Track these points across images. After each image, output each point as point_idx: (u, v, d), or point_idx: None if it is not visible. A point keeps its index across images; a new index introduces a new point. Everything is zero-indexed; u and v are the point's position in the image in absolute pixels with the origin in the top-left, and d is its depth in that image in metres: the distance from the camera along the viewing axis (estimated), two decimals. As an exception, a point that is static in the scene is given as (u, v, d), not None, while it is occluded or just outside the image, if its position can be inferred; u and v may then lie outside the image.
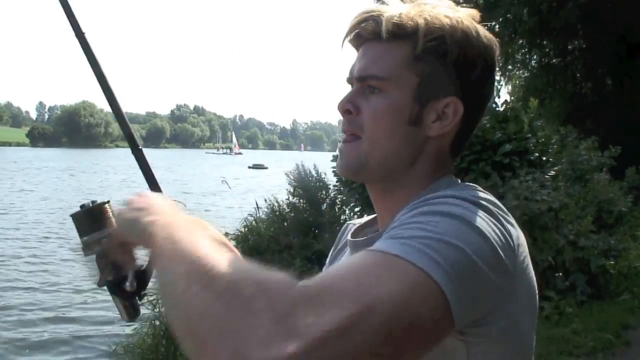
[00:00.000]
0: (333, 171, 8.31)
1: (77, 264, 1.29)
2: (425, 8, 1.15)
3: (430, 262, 0.84)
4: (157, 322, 6.98)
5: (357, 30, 1.20)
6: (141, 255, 1.29)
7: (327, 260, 1.48)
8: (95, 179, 51.73)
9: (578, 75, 17.39)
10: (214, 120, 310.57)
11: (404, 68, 1.14)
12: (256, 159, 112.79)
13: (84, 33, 1.37)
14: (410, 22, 1.13)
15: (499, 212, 0.99)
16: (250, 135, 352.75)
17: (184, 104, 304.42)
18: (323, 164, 8.90)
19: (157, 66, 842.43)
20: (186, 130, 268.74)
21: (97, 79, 1.38)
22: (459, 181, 1.20)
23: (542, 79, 17.68)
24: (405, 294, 0.80)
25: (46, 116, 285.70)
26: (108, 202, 1.27)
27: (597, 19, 15.58)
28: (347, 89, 1.22)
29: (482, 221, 0.93)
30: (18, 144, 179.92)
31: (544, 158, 8.09)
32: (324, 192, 8.33)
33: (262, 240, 7.72)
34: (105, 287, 1.27)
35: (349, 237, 1.35)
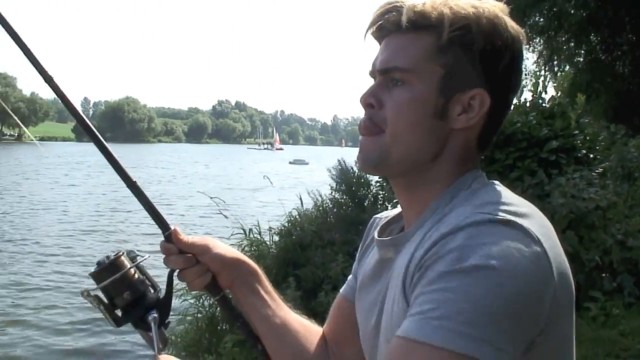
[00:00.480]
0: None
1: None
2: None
3: (474, 344, 0.86)
4: (200, 315, 7.03)
5: (379, 22, 1.17)
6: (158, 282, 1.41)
7: (357, 254, 1.46)
8: (143, 174, 52.50)
9: (626, 70, 17.05)
10: (255, 115, 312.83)
11: (428, 59, 1.11)
12: (297, 154, 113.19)
13: (52, 78, 1.44)
14: (434, 12, 1.10)
15: (533, 221, 0.98)
16: (291, 130, 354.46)
17: (226, 100, 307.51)
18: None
19: (199, 62, 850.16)
20: (228, 125, 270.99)
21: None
22: (484, 175, 1.17)
23: (589, 74, 17.39)
24: None
25: (91, 111, 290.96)
26: (123, 254, 1.35)
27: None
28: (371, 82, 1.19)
29: (511, 267, 0.90)
30: (64, 139, 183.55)
31: (592, 155, 7.95)
32: (365, 188, 8.31)
33: (305, 235, 7.74)
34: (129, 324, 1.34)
35: (375, 234, 1.32)
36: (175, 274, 1.37)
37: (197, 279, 1.36)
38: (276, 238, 8.37)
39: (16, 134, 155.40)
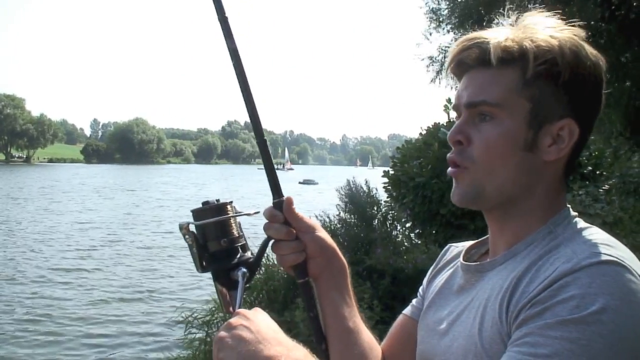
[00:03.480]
0: (384, 186, 8.34)
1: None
2: (530, 30, 1.14)
3: None
4: (209, 339, 7.05)
5: (459, 57, 1.20)
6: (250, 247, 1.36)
7: (425, 279, 1.49)
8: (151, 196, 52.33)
9: (632, 87, 17.06)
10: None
11: (515, 94, 1.13)
12: (306, 174, 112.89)
13: (227, 18, 1.37)
14: (517, 47, 1.12)
15: (638, 282, 0.97)
16: (300, 150, 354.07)
17: (235, 120, 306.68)
18: (374, 179, 8.91)
19: (208, 82, 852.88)
20: (237, 146, 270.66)
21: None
22: (576, 218, 1.18)
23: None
24: None
25: (100, 133, 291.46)
26: (231, 202, 1.33)
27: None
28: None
29: (630, 320, 0.92)
30: (72, 161, 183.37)
31: (598, 172, 7.98)
32: (375, 208, 8.34)
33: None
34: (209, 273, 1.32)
35: (460, 259, 1.34)
36: (271, 244, 1.32)
37: (291, 255, 1.31)
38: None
39: (25, 156, 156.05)
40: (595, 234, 1.09)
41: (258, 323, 1.15)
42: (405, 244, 6.95)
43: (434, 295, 1.38)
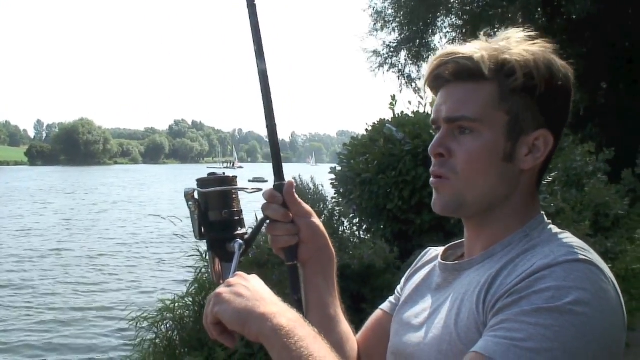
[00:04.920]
0: (331, 183, 8.35)
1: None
2: (504, 46, 1.18)
3: None
4: (157, 340, 6.98)
5: (437, 72, 1.23)
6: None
7: (403, 278, 1.53)
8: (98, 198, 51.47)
9: (575, 82, 17.46)
10: (213, 134, 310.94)
11: (493, 108, 1.17)
12: (256, 172, 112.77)
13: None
14: (494, 62, 1.16)
15: (606, 271, 1.05)
16: (249, 148, 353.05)
17: (182, 119, 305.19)
18: (321, 176, 8.93)
19: (154, 81, 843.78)
20: (185, 145, 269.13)
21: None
22: (551, 224, 1.23)
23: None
24: None
25: (44, 134, 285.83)
26: (236, 177, 1.38)
27: (592, 26, 15.67)
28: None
29: (601, 314, 0.98)
30: (16, 163, 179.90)
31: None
32: (321, 204, 8.35)
33: (262, 253, 7.75)
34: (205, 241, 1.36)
35: (439, 258, 1.39)
36: (266, 224, 1.36)
37: (285, 237, 1.35)
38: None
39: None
40: (570, 237, 1.14)
41: (255, 284, 1.19)
42: (353, 240, 6.97)
43: (411, 291, 1.42)
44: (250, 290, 1.15)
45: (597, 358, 0.96)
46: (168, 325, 6.64)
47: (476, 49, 1.19)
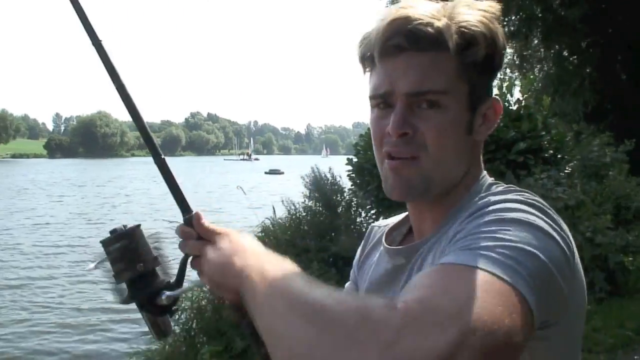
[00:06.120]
0: (348, 175, 8.34)
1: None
2: (459, 11, 1.08)
3: (513, 273, 0.83)
4: (177, 328, 7.00)
5: (392, 41, 1.09)
6: (168, 270, 1.29)
7: (355, 266, 1.45)
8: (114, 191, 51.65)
9: (593, 72, 17.28)
10: (228, 127, 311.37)
11: (456, 79, 1.09)
12: (272, 164, 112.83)
13: (100, 41, 1.29)
14: (450, 30, 1.06)
15: (554, 214, 0.99)
16: (265, 140, 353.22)
17: (198, 112, 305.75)
18: (338, 167, 8.92)
19: (170, 74, 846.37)
20: (201, 137, 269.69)
21: (116, 88, 1.29)
22: (492, 178, 1.19)
23: (557, 76, 17.59)
24: (497, 310, 0.78)
25: (62, 127, 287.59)
26: (139, 225, 1.26)
27: (609, 14, 15.52)
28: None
29: (548, 226, 0.93)
30: (35, 156, 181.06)
31: (559, 155, 8.05)
32: (339, 196, 8.34)
33: (279, 244, 7.74)
34: (134, 304, 1.25)
35: (383, 243, 1.31)
36: (189, 261, 1.25)
37: None
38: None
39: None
40: (513, 189, 1.09)
41: (239, 236, 1.14)
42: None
43: (368, 284, 1.34)
44: (232, 241, 1.11)
45: (548, 271, 0.88)
46: (187, 315, 6.65)
47: (433, 13, 1.08)
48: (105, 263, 1.23)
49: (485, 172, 1.20)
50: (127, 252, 1.22)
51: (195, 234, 1.22)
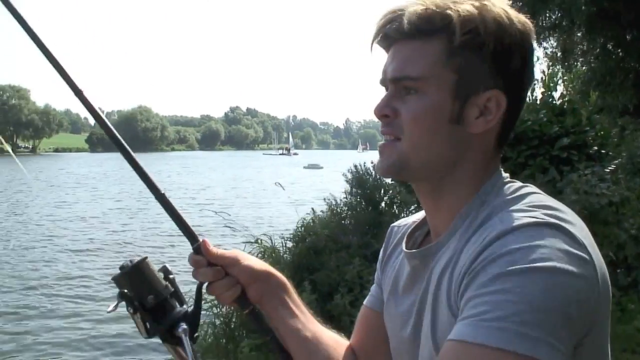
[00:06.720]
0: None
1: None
2: (453, 0, 1.10)
3: (534, 343, 0.87)
4: (218, 322, 7.06)
5: (384, 31, 1.16)
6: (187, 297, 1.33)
7: (378, 268, 1.46)
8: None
9: (638, 65, 16.92)
10: (267, 121, 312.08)
11: (439, 66, 1.10)
12: (310, 159, 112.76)
13: (81, 91, 1.37)
14: (439, 17, 1.09)
15: (571, 227, 0.98)
16: (303, 135, 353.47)
17: (237, 106, 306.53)
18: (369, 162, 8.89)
19: (209, 69, 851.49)
20: (240, 132, 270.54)
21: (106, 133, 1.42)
22: (508, 176, 1.18)
23: (602, 70, 17.26)
24: None
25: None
26: (145, 258, 1.30)
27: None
28: (383, 91, 1.19)
29: (563, 256, 0.92)
30: (78, 150, 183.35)
31: (603, 151, 7.93)
32: (381, 192, 8.33)
33: (319, 239, 7.75)
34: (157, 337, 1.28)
35: (403, 247, 1.32)
36: (204, 287, 1.34)
37: (226, 292, 1.34)
38: (289, 244, 8.39)
39: (31, 146, 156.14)
40: (527, 197, 1.08)
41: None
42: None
43: (391, 287, 1.35)
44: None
45: (569, 316, 0.90)
46: (227, 309, 6.71)
47: (423, 4, 1.11)
48: (121, 303, 1.27)
49: (500, 170, 1.19)
50: (136, 286, 1.26)
51: (205, 261, 1.32)
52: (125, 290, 1.25)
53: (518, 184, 1.15)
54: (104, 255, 19.33)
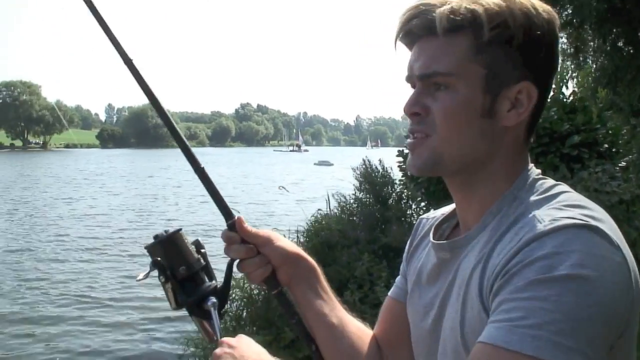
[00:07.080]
0: (399, 166, 8.33)
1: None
2: None
3: (567, 352, 0.87)
4: (227, 318, 7.06)
5: (407, 27, 1.16)
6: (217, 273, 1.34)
7: (404, 259, 1.46)
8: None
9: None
10: (278, 118, 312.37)
11: (468, 61, 1.10)
12: (321, 155, 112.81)
13: (131, 60, 1.42)
14: (466, 13, 1.08)
15: (607, 227, 0.98)
16: (314, 132, 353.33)
17: (248, 103, 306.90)
18: (388, 159, 8.91)
19: (220, 66, 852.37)
20: (251, 128, 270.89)
21: (151, 103, 1.45)
22: (539, 172, 1.18)
23: (612, 67, 17.18)
24: None
25: (114, 118, 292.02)
26: (180, 229, 1.33)
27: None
28: (408, 87, 1.18)
29: (599, 262, 0.92)
30: (88, 146, 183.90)
31: (614, 149, 7.90)
32: (390, 187, 8.33)
33: (332, 235, 7.76)
34: (184, 309, 1.31)
35: (431, 238, 1.32)
36: (235, 264, 1.35)
37: (257, 271, 1.35)
38: (302, 239, 8.40)
39: (41, 142, 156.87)
40: (561, 195, 1.08)
41: (241, 347, 1.20)
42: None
43: (415, 277, 1.36)
44: (237, 357, 1.18)
45: (605, 323, 0.91)
46: (237, 305, 6.72)
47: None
48: (153, 271, 1.30)
49: (531, 165, 1.19)
50: (169, 256, 1.29)
51: (239, 238, 1.33)
52: (159, 258, 1.27)
53: (550, 181, 1.15)
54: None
